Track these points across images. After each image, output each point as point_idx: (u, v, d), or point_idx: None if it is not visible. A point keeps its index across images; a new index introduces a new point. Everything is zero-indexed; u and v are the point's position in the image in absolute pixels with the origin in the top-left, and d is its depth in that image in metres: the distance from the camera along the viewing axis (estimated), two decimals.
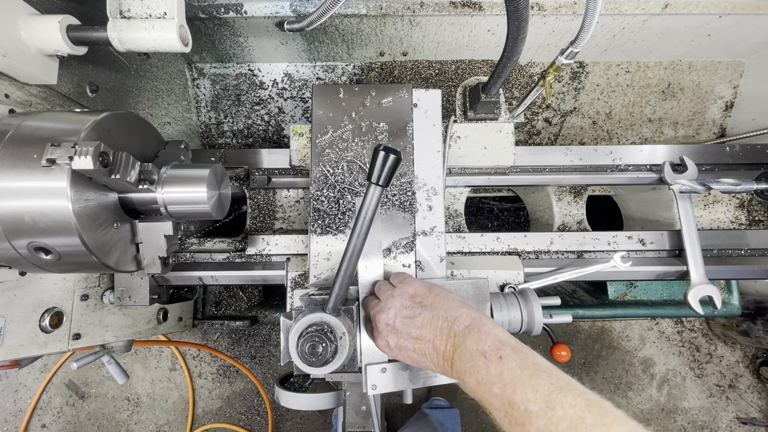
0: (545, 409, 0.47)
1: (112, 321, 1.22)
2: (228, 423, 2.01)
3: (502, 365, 0.54)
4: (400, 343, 0.67)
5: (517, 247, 1.16)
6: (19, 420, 2.01)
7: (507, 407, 0.50)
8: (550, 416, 0.46)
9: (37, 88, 0.96)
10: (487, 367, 0.55)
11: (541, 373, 0.51)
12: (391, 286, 0.75)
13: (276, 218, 1.29)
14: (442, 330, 0.63)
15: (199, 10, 1.33)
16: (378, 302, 0.74)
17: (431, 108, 0.97)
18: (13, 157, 0.71)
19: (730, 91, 1.74)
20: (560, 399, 0.47)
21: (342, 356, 0.69)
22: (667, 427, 2.01)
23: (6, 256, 0.76)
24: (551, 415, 0.46)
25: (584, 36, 0.75)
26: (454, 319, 0.63)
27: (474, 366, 0.56)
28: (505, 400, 0.51)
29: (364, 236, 0.66)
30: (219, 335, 2.07)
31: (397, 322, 0.68)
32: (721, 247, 1.20)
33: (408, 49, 1.62)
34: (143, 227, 0.95)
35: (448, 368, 0.62)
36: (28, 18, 0.86)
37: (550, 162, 1.23)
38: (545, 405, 0.47)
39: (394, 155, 0.61)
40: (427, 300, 0.69)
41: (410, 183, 0.91)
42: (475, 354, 0.57)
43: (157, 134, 1.00)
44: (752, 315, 1.83)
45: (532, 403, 0.48)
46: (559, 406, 0.47)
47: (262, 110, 1.75)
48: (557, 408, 0.46)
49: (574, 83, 1.75)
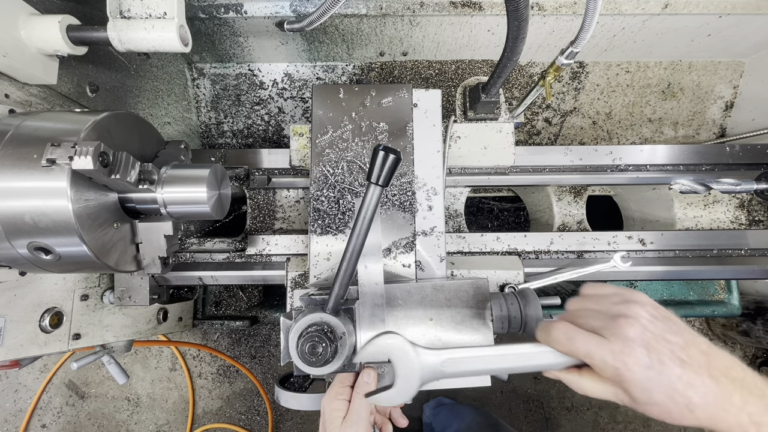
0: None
1: (112, 321, 1.22)
2: (228, 423, 2.01)
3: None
4: (664, 362, 0.53)
5: (517, 247, 1.16)
6: (19, 420, 2.01)
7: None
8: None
9: (37, 88, 0.96)
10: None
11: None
12: (612, 290, 0.63)
13: (276, 218, 1.29)
14: (716, 361, 0.53)
15: (199, 10, 1.33)
16: (602, 304, 0.61)
17: (431, 108, 0.97)
18: (13, 157, 0.71)
19: (730, 91, 1.74)
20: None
21: (342, 356, 0.69)
22: (667, 427, 2.01)
23: (6, 256, 0.76)
24: None
25: (584, 36, 0.75)
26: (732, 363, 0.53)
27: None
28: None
29: (363, 236, 0.66)
30: (219, 335, 2.07)
31: (656, 336, 0.54)
32: (721, 247, 1.20)
33: (408, 49, 1.62)
34: (143, 227, 0.95)
35: (730, 411, 0.51)
36: (28, 18, 0.86)
37: (550, 162, 1.23)
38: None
39: (394, 155, 0.61)
40: (674, 318, 0.58)
41: (410, 183, 0.91)
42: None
43: (157, 134, 1.00)
44: (752, 315, 1.83)
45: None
46: None
47: (262, 110, 1.75)
48: None
49: (574, 83, 1.75)
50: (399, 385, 0.66)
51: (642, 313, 0.56)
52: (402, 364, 0.66)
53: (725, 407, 0.51)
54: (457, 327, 0.79)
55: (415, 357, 0.66)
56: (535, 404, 2.02)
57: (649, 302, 0.59)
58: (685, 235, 1.20)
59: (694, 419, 0.52)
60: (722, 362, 0.54)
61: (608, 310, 0.59)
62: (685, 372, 0.52)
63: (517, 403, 2.02)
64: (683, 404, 0.52)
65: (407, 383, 0.66)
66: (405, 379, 0.66)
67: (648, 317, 0.56)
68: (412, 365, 0.66)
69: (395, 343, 0.67)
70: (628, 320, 0.55)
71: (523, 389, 2.04)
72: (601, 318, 0.58)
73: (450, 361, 0.66)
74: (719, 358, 0.54)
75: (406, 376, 0.66)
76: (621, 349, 0.54)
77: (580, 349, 0.58)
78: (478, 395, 2.02)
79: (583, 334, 0.59)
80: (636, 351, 0.54)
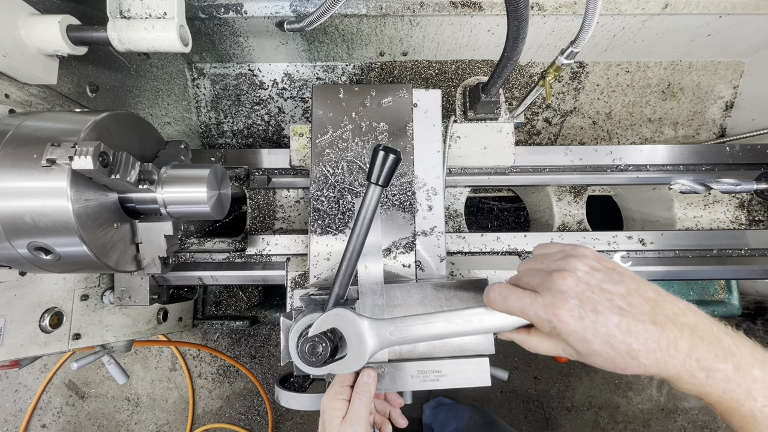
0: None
1: (112, 321, 1.22)
2: (228, 423, 2.01)
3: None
4: (599, 311, 0.52)
5: (517, 247, 1.16)
6: (19, 420, 2.01)
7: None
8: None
9: (37, 88, 0.96)
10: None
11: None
12: (557, 248, 0.63)
13: (276, 218, 1.29)
14: (662, 308, 0.52)
15: (199, 10, 1.33)
16: (544, 262, 0.60)
17: (431, 108, 0.97)
18: (13, 157, 0.71)
19: (730, 91, 1.74)
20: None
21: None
22: (667, 427, 2.01)
23: (6, 256, 0.76)
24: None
25: (584, 36, 0.75)
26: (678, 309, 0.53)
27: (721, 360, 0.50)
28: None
29: (363, 236, 0.66)
30: (219, 335, 2.07)
31: (591, 286, 0.54)
32: (721, 247, 1.20)
33: (408, 49, 1.62)
34: (143, 227, 0.95)
35: (676, 357, 0.50)
36: (28, 18, 0.86)
37: (550, 162, 1.23)
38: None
39: (394, 155, 0.61)
40: (620, 268, 0.58)
41: (410, 183, 0.91)
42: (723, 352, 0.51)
43: (157, 134, 1.00)
44: (752, 315, 1.83)
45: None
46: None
47: (262, 110, 1.75)
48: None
49: (574, 83, 1.75)
50: (351, 352, 0.67)
51: (579, 265, 0.56)
52: (350, 333, 0.68)
53: (670, 353, 0.50)
54: None
55: (360, 323, 0.68)
56: (535, 404, 2.02)
57: (591, 255, 0.59)
58: (685, 235, 1.20)
59: (639, 366, 0.51)
60: (671, 308, 0.53)
61: (548, 267, 0.59)
62: (624, 319, 0.51)
63: (517, 403, 2.02)
64: (624, 351, 0.51)
65: (358, 349, 0.67)
66: (355, 346, 0.68)
67: (585, 269, 0.56)
68: (359, 332, 0.68)
69: (340, 313, 0.68)
70: (561, 273, 0.55)
71: (523, 389, 2.04)
72: (539, 275, 0.59)
73: (398, 329, 0.67)
74: (668, 304, 0.53)
75: (356, 343, 0.68)
76: (552, 302, 0.54)
77: (514, 307, 0.59)
78: (478, 395, 2.02)
79: (517, 292, 0.59)
80: (568, 302, 0.53)
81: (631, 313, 0.52)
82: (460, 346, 0.79)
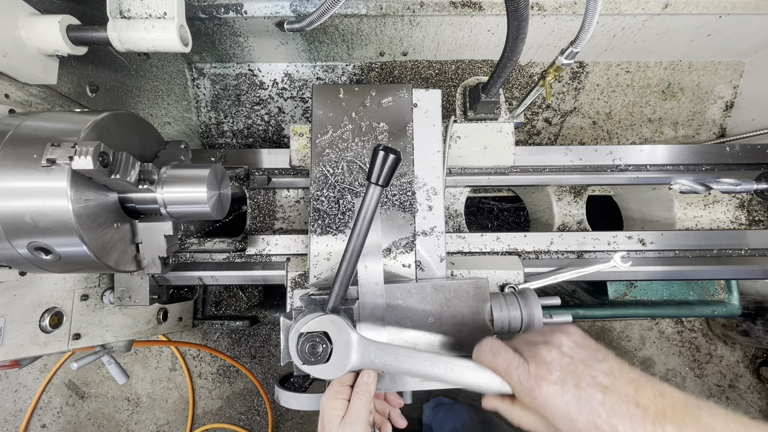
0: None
1: (112, 321, 1.22)
2: (228, 423, 2.01)
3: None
4: (582, 387, 0.53)
5: (517, 247, 1.16)
6: (19, 420, 2.01)
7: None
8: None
9: (37, 88, 0.96)
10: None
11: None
12: (550, 328, 0.65)
13: (276, 218, 1.29)
14: (644, 390, 0.52)
15: (199, 10, 1.33)
16: (535, 336, 0.63)
17: (431, 108, 0.97)
18: (13, 157, 0.71)
19: (730, 91, 1.74)
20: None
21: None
22: None
23: (6, 256, 0.76)
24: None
25: (584, 36, 0.75)
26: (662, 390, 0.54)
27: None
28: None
29: (363, 236, 0.66)
30: (219, 335, 2.07)
31: (575, 360, 0.55)
32: (721, 247, 1.20)
33: (408, 49, 1.62)
34: (143, 227, 0.95)
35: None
36: (28, 18, 0.86)
37: (550, 162, 1.23)
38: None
39: (394, 155, 0.61)
40: (603, 349, 0.59)
41: (410, 183, 0.91)
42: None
43: (157, 134, 1.00)
44: (752, 315, 1.83)
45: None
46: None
47: (262, 110, 1.75)
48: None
49: (574, 83, 1.75)
50: (333, 360, 0.68)
51: (564, 340, 0.58)
52: (339, 342, 0.68)
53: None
54: (457, 327, 0.79)
55: (351, 336, 0.69)
56: None
57: (576, 332, 0.61)
58: (685, 235, 1.20)
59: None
60: (651, 390, 0.53)
61: (536, 340, 0.62)
62: (608, 398, 0.51)
63: None
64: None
65: (341, 360, 0.68)
66: (339, 355, 0.68)
67: (570, 344, 0.58)
68: (347, 344, 0.68)
69: (335, 320, 0.69)
70: (547, 346, 0.58)
71: None
72: (529, 347, 0.61)
73: (383, 354, 0.68)
74: (648, 385, 0.53)
75: (341, 353, 0.68)
76: (536, 371, 0.56)
77: (501, 366, 0.61)
78: (477, 395, 2.02)
79: (508, 352, 0.61)
80: (552, 374, 0.54)
81: (615, 393, 0.52)
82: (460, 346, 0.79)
